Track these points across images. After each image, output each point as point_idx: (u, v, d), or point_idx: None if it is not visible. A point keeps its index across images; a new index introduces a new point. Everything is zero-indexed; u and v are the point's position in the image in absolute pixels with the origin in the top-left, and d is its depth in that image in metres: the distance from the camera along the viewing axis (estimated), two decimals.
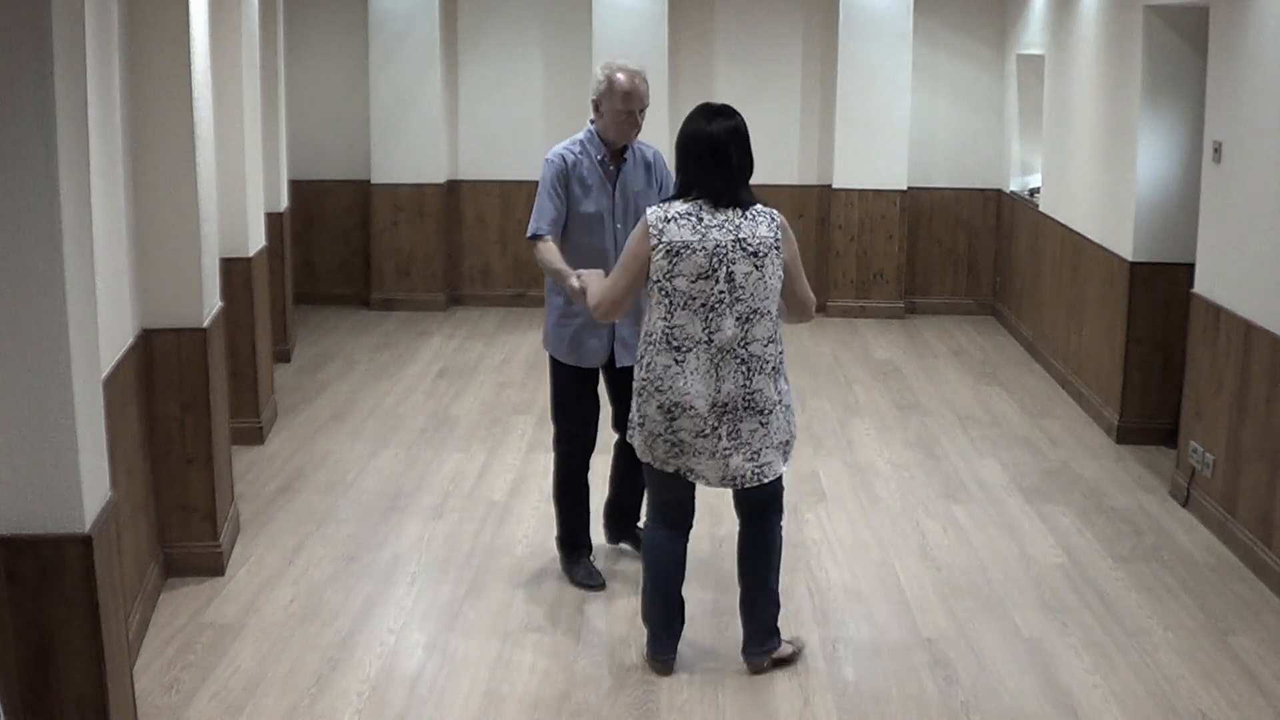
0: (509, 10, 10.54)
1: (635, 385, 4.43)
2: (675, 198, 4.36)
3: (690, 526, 4.65)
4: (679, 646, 4.63)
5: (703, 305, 4.25)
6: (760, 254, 4.26)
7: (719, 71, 10.53)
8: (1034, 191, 9.56)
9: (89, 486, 3.26)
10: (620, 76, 4.97)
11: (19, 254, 3.07)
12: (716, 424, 4.30)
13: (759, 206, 4.33)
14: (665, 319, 4.29)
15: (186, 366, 5.20)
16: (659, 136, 10.30)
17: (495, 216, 10.75)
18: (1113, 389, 7.31)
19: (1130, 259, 7.05)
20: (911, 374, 8.64)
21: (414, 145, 10.36)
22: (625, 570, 5.42)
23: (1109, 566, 5.52)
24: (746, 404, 4.30)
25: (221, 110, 6.31)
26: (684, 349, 4.27)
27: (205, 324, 5.26)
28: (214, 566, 5.30)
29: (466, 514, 6.06)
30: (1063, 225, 8.45)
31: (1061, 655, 4.72)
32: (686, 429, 4.31)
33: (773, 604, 4.59)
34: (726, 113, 4.34)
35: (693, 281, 4.24)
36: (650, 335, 4.34)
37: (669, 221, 4.26)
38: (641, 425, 4.40)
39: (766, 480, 4.40)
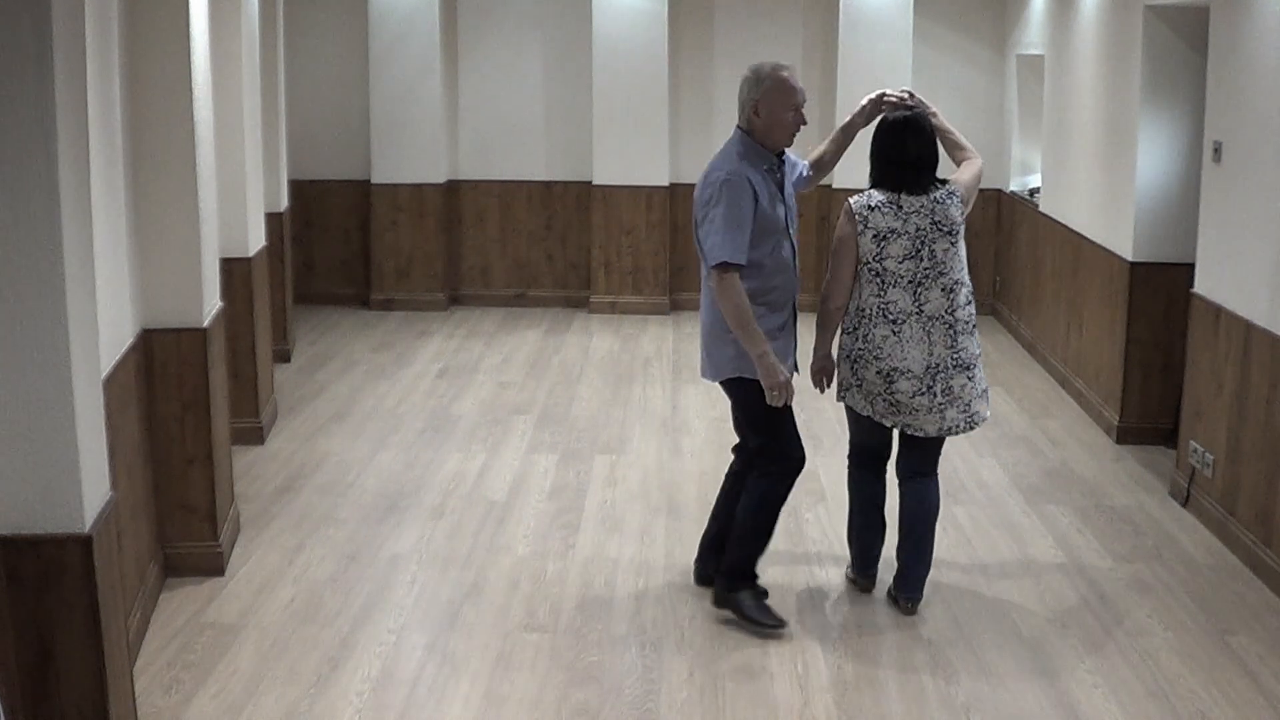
0: (509, 10, 10.54)
1: (846, 352, 4.98)
2: (873, 186, 4.95)
3: (887, 463, 5.18)
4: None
5: (910, 281, 4.81)
6: (954, 232, 4.83)
7: (719, 71, 10.53)
8: (1034, 191, 9.56)
9: (89, 486, 3.26)
10: (785, 74, 4.73)
11: (19, 254, 3.07)
12: (931, 383, 4.84)
13: (946, 188, 4.89)
14: (879, 295, 4.84)
15: (186, 366, 5.20)
16: (660, 137, 10.34)
17: (495, 216, 10.75)
18: (1113, 389, 7.31)
19: (1130, 259, 7.06)
20: None
21: (414, 145, 10.36)
22: (622, 570, 5.42)
23: (1109, 566, 5.52)
24: (955, 363, 4.85)
25: (221, 110, 6.30)
26: (899, 321, 4.82)
27: (205, 324, 5.26)
28: (214, 566, 5.30)
29: (466, 514, 6.06)
30: (1063, 225, 8.46)
31: (1061, 655, 4.72)
32: (904, 390, 4.85)
33: (931, 554, 5.13)
34: (913, 118, 5.02)
35: (900, 262, 4.81)
36: (864, 310, 4.88)
37: (873, 210, 4.86)
38: (859, 386, 4.96)
39: (977, 425, 4.98)
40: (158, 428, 5.20)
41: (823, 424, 7.42)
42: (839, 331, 5.02)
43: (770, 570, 5.39)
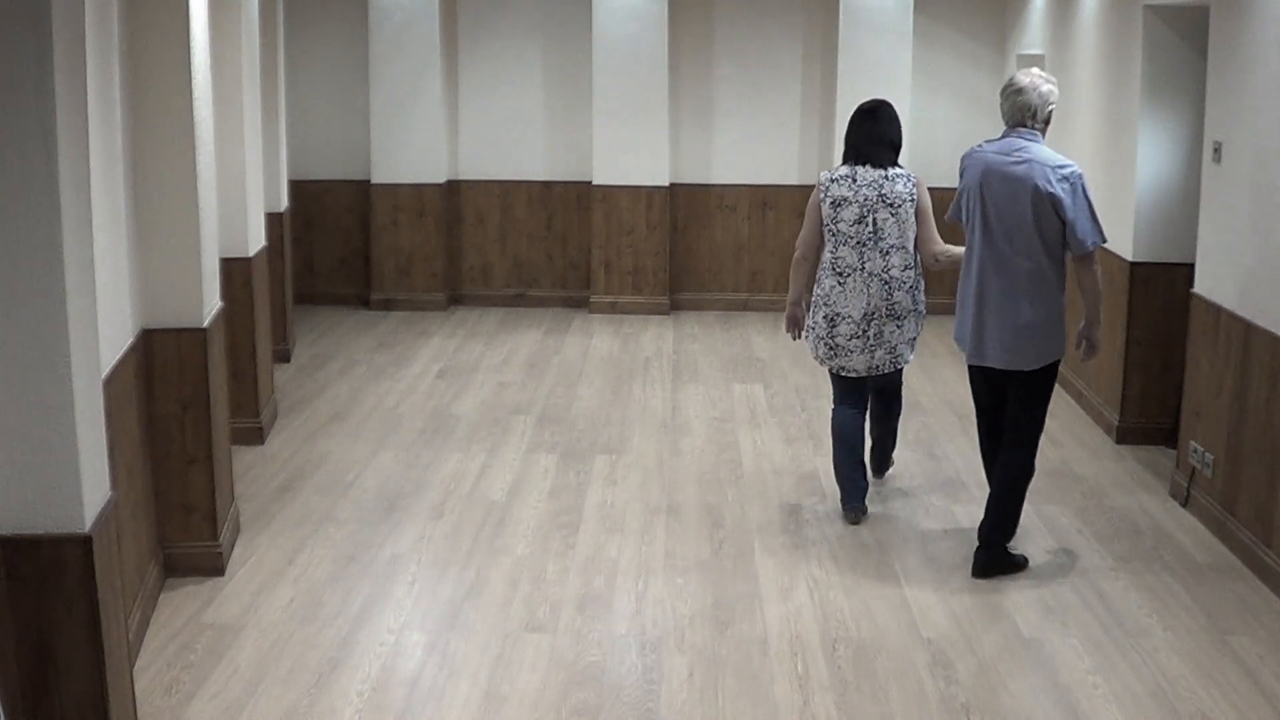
0: (509, 10, 10.54)
1: (811, 299, 5.94)
2: (842, 162, 5.93)
3: (864, 406, 6.07)
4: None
5: (858, 242, 5.77)
6: (897, 205, 5.74)
7: (719, 71, 10.53)
8: None
9: (89, 486, 3.26)
10: None
11: (19, 254, 3.07)
12: (866, 328, 5.78)
13: (902, 171, 5.82)
14: (832, 252, 5.82)
15: (186, 366, 5.20)
16: (658, 137, 10.34)
17: (495, 216, 10.76)
18: (1113, 389, 7.31)
19: (1130, 259, 7.06)
20: (912, 374, 8.63)
21: (414, 145, 10.36)
22: (622, 570, 5.42)
23: (1109, 566, 5.52)
24: (888, 312, 5.79)
25: (221, 110, 6.31)
26: (845, 274, 5.79)
27: (205, 324, 5.26)
28: (214, 566, 5.30)
29: (466, 514, 6.06)
30: None
31: (1061, 655, 4.72)
32: (843, 333, 5.81)
33: (893, 440, 6.43)
34: (873, 103, 5.95)
35: (850, 225, 5.77)
36: (822, 264, 5.88)
37: (833, 181, 5.83)
38: (812, 329, 5.91)
39: (900, 366, 5.95)
40: (158, 428, 5.20)
41: (823, 423, 7.42)
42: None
43: (769, 568, 5.40)
